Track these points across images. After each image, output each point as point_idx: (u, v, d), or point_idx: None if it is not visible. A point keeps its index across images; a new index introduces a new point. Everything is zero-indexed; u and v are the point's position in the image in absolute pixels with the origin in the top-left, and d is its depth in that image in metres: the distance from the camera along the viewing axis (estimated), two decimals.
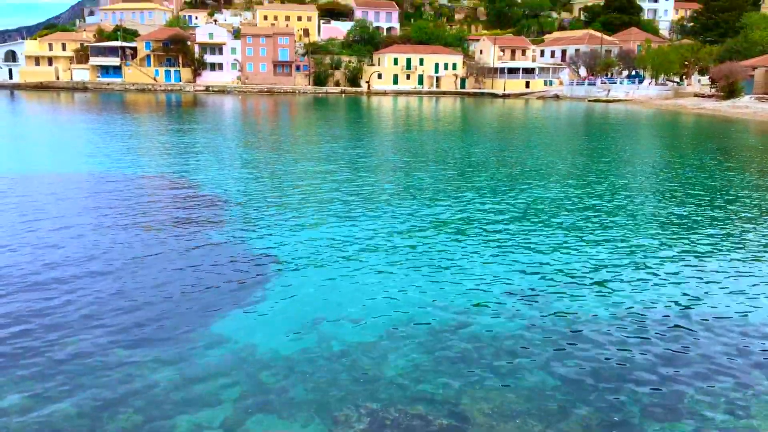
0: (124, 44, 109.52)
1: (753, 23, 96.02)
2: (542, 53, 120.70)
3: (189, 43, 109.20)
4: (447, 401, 7.52)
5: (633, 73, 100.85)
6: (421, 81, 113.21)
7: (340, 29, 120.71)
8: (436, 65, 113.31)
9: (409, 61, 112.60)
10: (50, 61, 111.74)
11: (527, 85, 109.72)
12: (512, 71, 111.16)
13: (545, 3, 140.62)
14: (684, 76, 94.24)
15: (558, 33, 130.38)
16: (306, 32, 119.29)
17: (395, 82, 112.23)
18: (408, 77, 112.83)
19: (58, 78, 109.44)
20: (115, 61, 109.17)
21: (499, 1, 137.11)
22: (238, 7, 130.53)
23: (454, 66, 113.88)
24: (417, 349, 8.92)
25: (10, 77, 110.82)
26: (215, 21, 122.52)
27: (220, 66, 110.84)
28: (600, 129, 47.38)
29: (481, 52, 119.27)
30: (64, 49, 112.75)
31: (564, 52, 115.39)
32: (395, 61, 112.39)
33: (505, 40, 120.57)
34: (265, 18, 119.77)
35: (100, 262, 12.40)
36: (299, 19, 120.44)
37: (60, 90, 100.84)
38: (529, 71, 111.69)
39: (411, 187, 21.03)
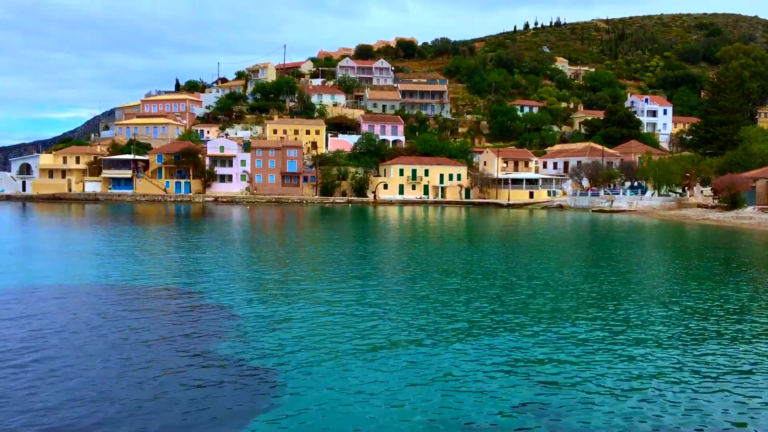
0: (137, 157, 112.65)
1: (751, 136, 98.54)
2: (545, 164, 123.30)
3: (200, 155, 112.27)
4: None
5: (635, 184, 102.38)
6: (426, 191, 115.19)
7: (347, 142, 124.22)
8: (441, 176, 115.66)
9: (414, 171, 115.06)
10: (63, 173, 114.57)
11: (531, 195, 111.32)
12: (516, 182, 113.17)
13: (546, 117, 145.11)
14: (687, 187, 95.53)
15: (560, 145, 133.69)
16: (314, 144, 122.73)
17: (401, 192, 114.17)
18: (413, 187, 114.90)
19: (70, 190, 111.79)
20: (127, 173, 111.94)
21: (501, 115, 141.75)
22: (249, 122, 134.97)
23: (459, 176, 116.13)
24: None
25: (24, 189, 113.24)
26: (226, 135, 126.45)
27: (230, 177, 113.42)
28: (607, 239, 47.42)
29: (485, 163, 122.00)
30: (77, 161, 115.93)
31: (566, 163, 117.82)
32: (401, 172, 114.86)
33: (508, 152, 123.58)
34: (275, 132, 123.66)
35: (104, 374, 12.23)
36: (308, 132, 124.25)
37: (71, 201, 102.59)
38: (532, 182, 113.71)
39: (419, 305, 20.73)
